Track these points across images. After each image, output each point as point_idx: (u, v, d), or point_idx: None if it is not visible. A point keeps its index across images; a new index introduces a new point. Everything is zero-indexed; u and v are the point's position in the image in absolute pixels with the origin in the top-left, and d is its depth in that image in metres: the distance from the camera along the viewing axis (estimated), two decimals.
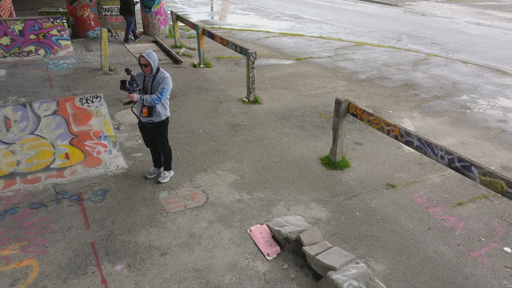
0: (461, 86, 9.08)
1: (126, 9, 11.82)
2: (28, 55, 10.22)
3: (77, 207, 4.55)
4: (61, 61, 10.16)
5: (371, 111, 4.88)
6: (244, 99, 7.94)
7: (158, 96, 4.50)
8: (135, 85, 4.45)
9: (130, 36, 12.36)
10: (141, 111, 4.60)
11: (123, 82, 4.37)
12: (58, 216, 4.38)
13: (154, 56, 4.47)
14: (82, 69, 9.55)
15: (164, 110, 4.71)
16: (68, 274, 3.62)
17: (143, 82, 4.60)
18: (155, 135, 4.88)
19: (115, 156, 5.44)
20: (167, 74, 4.61)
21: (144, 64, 4.42)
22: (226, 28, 15.12)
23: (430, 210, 4.66)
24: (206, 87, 8.63)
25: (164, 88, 4.53)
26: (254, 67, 7.67)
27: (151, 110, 4.60)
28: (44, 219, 4.34)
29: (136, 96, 4.46)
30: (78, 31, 12.43)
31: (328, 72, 9.93)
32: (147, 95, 4.50)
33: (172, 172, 5.18)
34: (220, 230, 4.24)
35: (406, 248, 4.06)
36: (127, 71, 4.38)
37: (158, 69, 4.57)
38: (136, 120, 6.79)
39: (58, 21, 10.45)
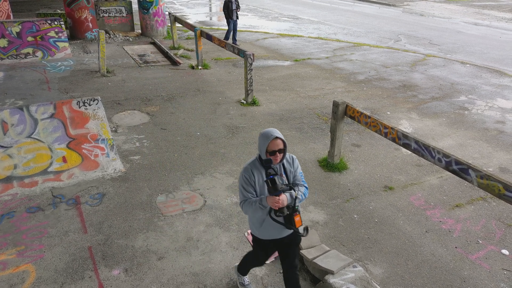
0: (459, 87, 9.08)
1: (226, 15, 12.09)
2: (25, 57, 10.20)
3: (74, 211, 4.54)
4: (59, 63, 10.14)
5: (368, 114, 4.87)
6: (242, 101, 7.93)
7: (305, 186, 3.00)
8: (281, 181, 2.77)
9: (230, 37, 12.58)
10: (292, 219, 2.81)
11: (273, 182, 2.70)
12: (55, 220, 4.37)
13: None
14: (80, 71, 9.54)
15: None
16: (65, 279, 3.61)
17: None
18: (292, 247, 3.14)
19: (113, 159, 5.43)
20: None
21: (280, 149, 2.81)
22: (224, 29, 15.09)
23: (428, 213, 4.66)
24: (204, 89, 8.62)
25: (301, 172, 3.04)
26: (252, 69, 7.66)
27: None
28: (41, 223, 4.32)
29: (286, 197, 2.76)
30: (76, 33, 12.42)
31: (326, 73, 9.93)
32: (295, 192, 2.84)
33: None
34: (217, 233, 4.23)
35: (404, 251, 4.06)
36: (268, 162, 2.82)
37: None
38: (133, 123, 6.80)
39: (55, 23, 10.43)
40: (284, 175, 2.92)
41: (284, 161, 2.94)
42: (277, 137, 2.79)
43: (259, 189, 2.90)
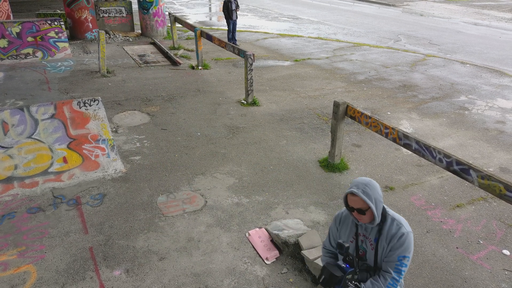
0: (459, 87, 9.09)
1: (226, 15, 11.96)
2: (25, 58, 10.19)
3: (75, 211, 4.54)
4: (59, 63, 10.14)
5: (369, 114, 4.87)
6: (243, 101, 7.93)
7: (394, 278, 2.35)
8: (350, 276, 2.31)
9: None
10: None
11: (331, 277, 2.28)
12: (56, 221, 4.36)
13: (377, 191, 2.29)
14: (80, 72, 9.53)
15: None
16: (66, 279, 3.61)
17: (354, 235, 2.46)
18: None
19: (113, 159, 5.42)
20: (405, 224, 2.36)
21: (359, 208, 2.28)
22: (224, 29, 15.10)
23: (429, 213, 4.66)
24: (204, 89, 8.62)
25: (405, 257, 2.34)
26: (252, 69, 7.66)
27: None
28: (42, 224, 4.32)
29: None
30: (76, 33, 12.41)
31: (327, 73, 9.93)
32: (371, 283, 2.35)
33: None
34: (218, 234, 4.23)
35: None
36: (341, 247, 2.32)
37: (384, 214, 2.37)
38: (134, 123, 6.80)
39: (55, 23, 10.42)
40: (371, 239, 2.23)
41: (386, 229, 2.28)
42: (354, 193, 2.21)
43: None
